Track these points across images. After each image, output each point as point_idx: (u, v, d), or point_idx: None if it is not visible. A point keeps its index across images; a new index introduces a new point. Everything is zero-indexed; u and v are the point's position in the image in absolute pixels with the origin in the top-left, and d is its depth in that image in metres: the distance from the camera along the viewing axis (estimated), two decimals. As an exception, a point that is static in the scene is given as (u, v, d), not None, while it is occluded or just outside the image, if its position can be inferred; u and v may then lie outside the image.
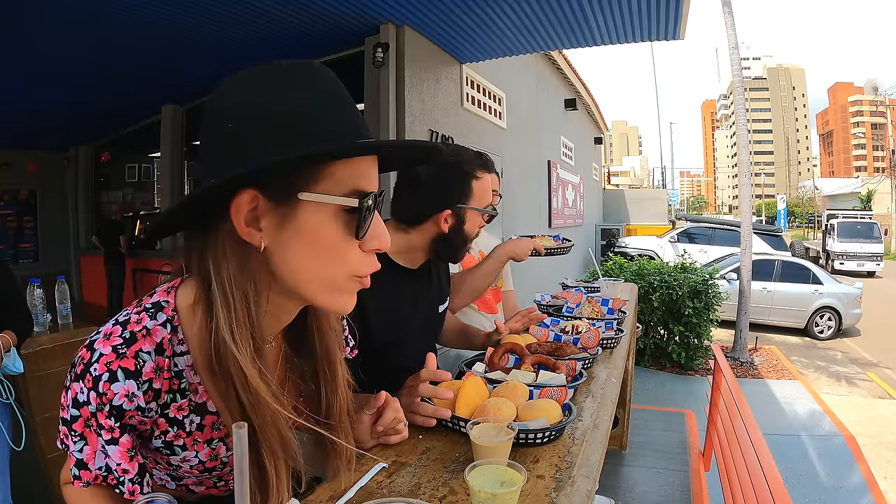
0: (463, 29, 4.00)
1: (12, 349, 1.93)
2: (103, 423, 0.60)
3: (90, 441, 0.60)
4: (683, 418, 4.02)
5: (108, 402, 0.59)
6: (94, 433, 0.60)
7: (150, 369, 0.60)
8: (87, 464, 0.61)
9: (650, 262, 5.92)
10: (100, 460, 0.61)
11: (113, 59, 4.20)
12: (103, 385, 0.58)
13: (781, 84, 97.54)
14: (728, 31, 6.11)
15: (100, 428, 0.60)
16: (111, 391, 0.58)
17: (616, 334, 1.52)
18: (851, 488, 3.23)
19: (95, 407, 0.59)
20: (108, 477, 0.61)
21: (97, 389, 0.58)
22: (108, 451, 0.61)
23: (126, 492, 0.61)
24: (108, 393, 0.58)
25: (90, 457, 0.60)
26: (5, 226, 7.99)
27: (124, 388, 0.59)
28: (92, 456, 0.61)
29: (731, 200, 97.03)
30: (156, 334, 0.61)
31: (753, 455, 1.60)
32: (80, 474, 0.61)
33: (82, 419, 0.60)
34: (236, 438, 0.43)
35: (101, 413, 0.59)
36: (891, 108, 41.09)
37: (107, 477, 0.61)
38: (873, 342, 7.48)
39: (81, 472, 0.60)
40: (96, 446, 0.60)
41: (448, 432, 0.93)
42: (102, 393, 0.58)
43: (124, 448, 0.61)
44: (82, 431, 0.60)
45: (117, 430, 0.60)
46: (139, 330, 0.60)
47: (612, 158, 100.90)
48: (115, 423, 0.60)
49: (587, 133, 12.35)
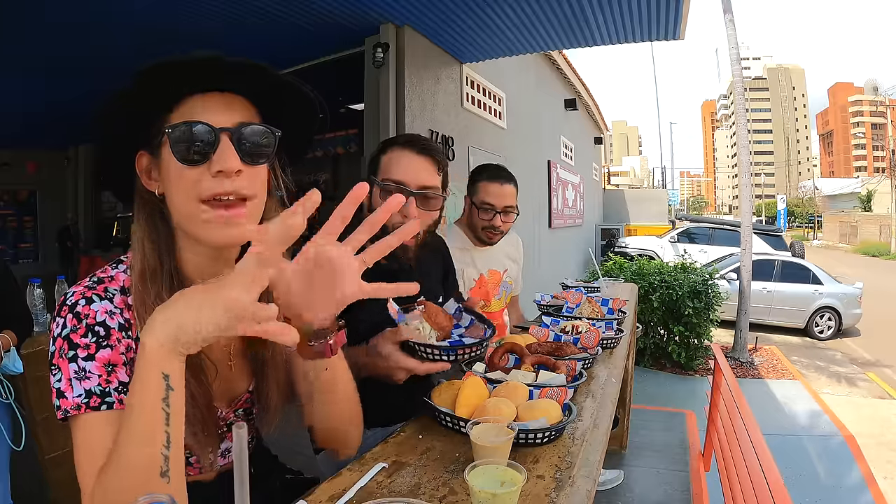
0: (463, 29, 4.00)
1: (12, 349, 1.93)
2: (78, 341, 0.63)
3: (63, 369, 0.62)
4: (683, 418, 4.03)
5: (91, 321, 0.64)
6: (66, 359, 0.62)
7: (120, 301, 0.68)
8: (64, 392, 0.62)
9: (650, 262, 5.92)
10: (77, 387, 0.62)
11: (112, 59, 4.18)
12: (83, 308, 0.65)
13: (781, 84, 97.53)
14: (728, 31, 6.11)
15: (74, 348, 0.63)
16: (92, 310, 0.65)
17: (616, 334, 1.53)
18: (851, 488, 3.23)
19: (70, 328, 0.64)
20: (91, 401, 0.61)
21: (74, 311, 0.65)
22: (86, 369, 0.62)
23: (115, 402, 0.62)
24: (91, 313, 0.65)
25: (66, 385, 0.62)
26: (5, 226, 7.98)
27: (102, 307, 0.66)
28: (68, 384, 0.62)
29: (731, 200, 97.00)
30: (118, 279, 0.71)
31: (753, 455, 1.60)
32: (59, 403, 0.62)
33: (57, 350, 0.63)
34: (236, 438, 0.43)
35: (77, 333, 0.63)
36: (891, 108, 41.08)
37: (88, 402, 0.61)
38: (873, 342, 7.48)
39: (61, 402, 0.62)
40: (69, 374, 0.62)
41: (448, 432, 0.93)
42: (83, 315, 0.65)
43: (101, 362, 0.63)
44: (58, 362, 0.63)
45: (93, 345, 0.64)
46: (105, 276, 0.70)
47: (612, 158, 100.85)
48: (91, 339, 0.64)
49: (587, 133, 12.34)
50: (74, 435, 0.62)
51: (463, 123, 4.83)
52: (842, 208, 38.69)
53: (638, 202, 16.39)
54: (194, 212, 0.67)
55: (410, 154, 1.24)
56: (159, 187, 0.70)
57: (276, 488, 0.96)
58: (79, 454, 0.61)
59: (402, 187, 1.20)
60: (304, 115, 0.78)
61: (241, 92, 0.70)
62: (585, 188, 11.59)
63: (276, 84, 0.72)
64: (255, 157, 0.69)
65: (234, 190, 0.67)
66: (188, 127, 0.65)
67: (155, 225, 0.72)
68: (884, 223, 26.94)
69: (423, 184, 1.22)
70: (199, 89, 0.68)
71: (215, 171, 0.66)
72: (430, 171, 1.24)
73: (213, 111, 0.67)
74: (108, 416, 0.62)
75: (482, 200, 1.83)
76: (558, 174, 8.89)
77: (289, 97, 0.74)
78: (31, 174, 8.07)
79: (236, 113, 0.69)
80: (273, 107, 0.73)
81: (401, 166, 1.23)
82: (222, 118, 0.67)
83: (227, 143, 0.66)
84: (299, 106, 0.76)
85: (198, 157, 0.66)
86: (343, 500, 0.71)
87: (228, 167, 0.66)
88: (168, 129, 0.65)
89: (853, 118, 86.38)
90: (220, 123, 0.66)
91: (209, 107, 0.67)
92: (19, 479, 2.05)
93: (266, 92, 0.72)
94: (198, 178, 0.66)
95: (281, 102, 0.74)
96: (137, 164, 0.72)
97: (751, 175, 6.53)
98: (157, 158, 0.69)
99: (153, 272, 0.70)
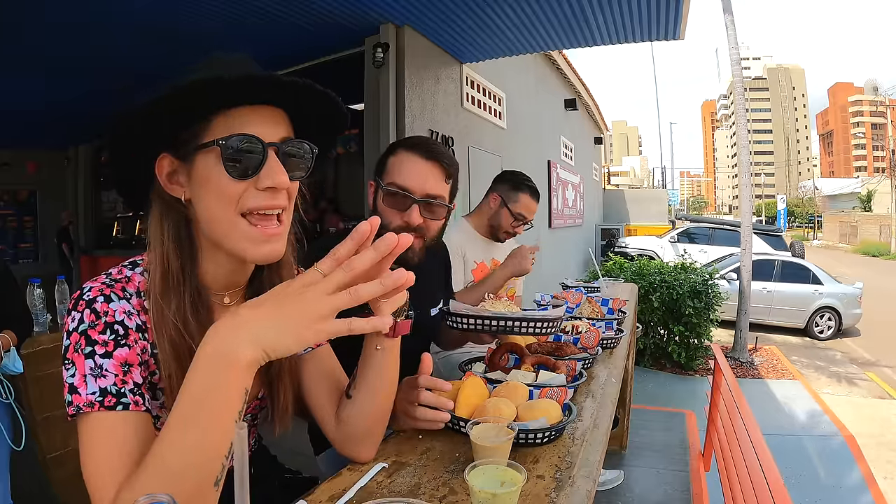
0: (463, 29, 4.00)
1: (12, 349, 1.93)
2: (97, 338, 0.62)
3: (78, 365, 0.61)
4: (683, 418, 4.02)
5: (110, 319, 0.63)
6: (83, 355, 0.61)
7: (136, 303, 0.67)
8: (77, 388, 0.61)
9: (650, 262, 5.91)
10: (91, 384, 0.61)
11: (112, 58, 4.19)
12: (101, 305, 0.64)
13: (781, 84, 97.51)
14: (728, 31, 6.11)
15: (92, 344, 0.62)
16: (111, 309, 0.65)
17: (616, 334, 1.53)
18: (851, 488, 3.23)
19: (88, 324, 0.63)
20: (105, 400, 0.60)
21: (92, 308, 0.64)
22: (103, 366, 0.61)
23: (131, 403, 0.61)
24: (109, 311, 0.64)
25: (80, 381, 0.61)
26: (5, 226, 7.98)
27: (121, 306, 0.65)
28: (82, 380, 0.61)
29: (731, 200, 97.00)
30: (134, 280, 0.69)
31: (753, 455, 1.60)
32: (71, 399, 0.61)
33: (72, 344, 0.62)
34: (237, 439, 0.43)
35: (95, 329, 0.63)
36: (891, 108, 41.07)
37: (102, 401, 0.60)
38: (873, 342, 7.47)
39: (73, 397, 0.61)
40: (84, 370, 0.61)
41: (448, 432, 0.93)
42: (101, 311, 0.64)
43: (118, 361, 0.63)
44: (72, 357, 0.62)
45: (111, 343, 0.63)
46: (121, 277, 0.69)
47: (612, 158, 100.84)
48: (110, 336, 0.63)
49: (587, 133, 12.34)
50: (82, 433, 0.60)
51: (463, 123, 4.83)
52: (842, 208, 38.67)
53: (638, 202, 16.39)
54: (232, 225, 0.66)
55: (417, 159, 1.18)
56: (186, 193, 0.68)
57: (275, 488, 0.96)
58: (90, 454, 0.59)
59: (406, 194, 1.16)
60: (333, 127, 0.78)
61: (280, 105, 0.69)
62: (585, 188, 11.59)
63: (314, 99, 0.71)
64: (295, 172, 0.69)
65: (278, 205, 0.67)
66: (242, 140, 0.64)
67: (179, 231, 0.70)
68: (884, 223, 26.92)
69: (429, 192, 1.17)
70: (243, 101, 0.66)
71: (264, 186, 0.65)
72: (437, 177, 1.18)
73: (259, 124, 0.66)
74: (125, 417, 0.61)
75: (520, 212, 2.05)
76: (558, 174, 8.89)
77: (322, 111, 0.74)
78: (31, 174, 8.07)
79: (280, 127, 0.68)
80: (304, 120, 0.73)
81: (407, 171, 1.18)
82: (268, 132, 0.66)
83: (275, 158, 0.66)
84: (330, 119, 0.76)
85: (248, 171, 0.65)
86: (343, 500, 0.71)
87: (279, 183, 0.65)
88: (220, 140, 0.64)
89: (853, 118, 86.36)
90: (267, 138, 0.66)
91: (254, 120, 0.66)
92: (19, 480, 2.04)
93: (302, 106, 0.71)
94: (242, 191, 0.65)
95: (313, 117, 0.73)
96: (158, 167, 0.69)
97: (751, 175, 6.53)
98: (189, 164, 0.67)
99: (175, 279, 0.68)
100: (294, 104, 0.70)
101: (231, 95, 0.65)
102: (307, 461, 1.22)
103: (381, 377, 0.80)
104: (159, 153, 0.69)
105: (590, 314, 1.71)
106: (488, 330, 1.15)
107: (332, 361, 0.88)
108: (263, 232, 0.66)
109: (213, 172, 0.65)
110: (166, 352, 0.66)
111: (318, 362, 0.86)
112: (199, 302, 0.70)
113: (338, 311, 0.55)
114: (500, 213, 2.06)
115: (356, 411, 0.81)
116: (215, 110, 0.65)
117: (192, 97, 0.63)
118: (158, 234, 0.70)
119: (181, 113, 0.64)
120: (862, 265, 19.49)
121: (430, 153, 1.19)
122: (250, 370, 0.55)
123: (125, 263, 0.72)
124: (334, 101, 0.72)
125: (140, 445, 0.60)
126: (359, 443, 0.83)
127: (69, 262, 7.76)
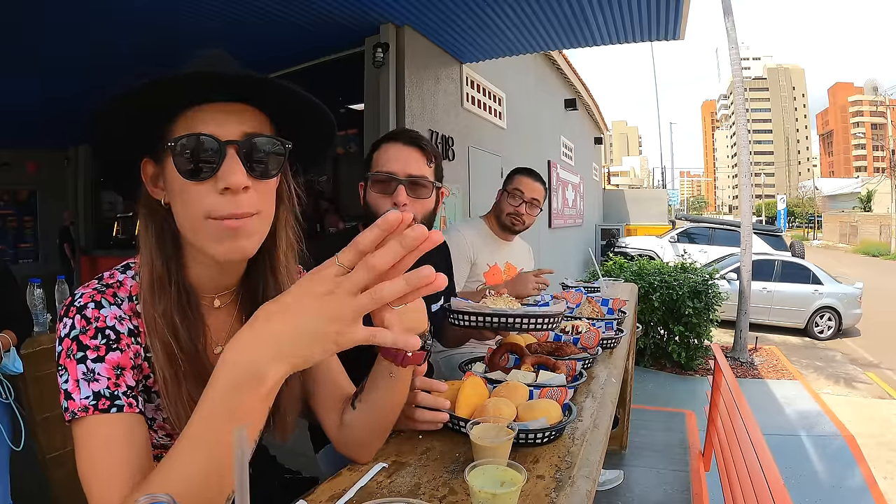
0: (463, 29, 4.00)
1: (12, 349, 1.93)
2: (88, 343, 0.62)
3: (70, 370, 0.61)
4: (683, 418, 4.02)
5: (101, 325, 0.63)
6: (75, 360, 0.61)
7: (128, 308, 0.67)
8: (72, 394, 0.60)
9: (650, 262, 5.91)
10: (85, 389, 0.60)
11: (112, 57, 4.19)
12: (91, 311, 0.64)
13: (781, 84, 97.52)
14: (728, 31, 6.11)
15: (83, 349, 0.62)
16: (101, 315, 0.64)
17: (616, 334, 1.53)
18: (851, 488, 3.22)
19: (79, 330, 0.62)
20: (98, 403, 0.60)
21: (83, 314, 0.64)
22: (95, 370, 0.61)
23: (125, 405, 0.61)
24: (100, 317, 0.64)
25: (73, 387, 0.61)
26: (5, 226, 7.98)
27: (112, 312, 0.65)
28: (75, 385, 0.61)
29: (731, 200, 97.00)
30: (126, 284, 0.69)
31: (753, 455, 1.60)
32: (67, 405, 0.60)
33: (65, 350, 0.62)
34: (237, 439, 0.42)
35: (86, 335, 0.62)
36: (891, 108, 41.07)
37: (96, 404, 0.60)
38: (873, 342, 7.47)
39: (69, 403, 0.60)
40: (77, 374, 0.61)
41: (448, 432, 0.93)
42: (92, 318, 0.64)
43: (110, 365, 0.62)
44: (65, 363, 0.62)
45: (103, 347, 0.63)
46: (112, 282, 0.68)
47: (612, 158, 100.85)
48: (101, 341, 0.63)
49: (587, 133, 12.34)
50: (78, 436, 0.60)
51: (463, 123, 4.83)
52: (842, 208, 38.67)
53: (638, 202, 16.39)
54: (200, 227, 0.64)
55: (398, 146, 1.29)
56: (165, 197, 0.67)
57: (275, 488, 0.96)
58: (86, 457, 0.59)
59: (391, 176, 1.25)
60: (320, 125, 0.73)
61: (252, 102, 0.65)
62: (585, 188, 11.59)
63: (285, 95, 0.66)
64: (264, 171, 0.65)
65: (241, 211, 0.63)
66: (191, 139, 0.61)
67: (162, 235, 0.69)
68: (884, 223, 26.92)
69: (412, 173, 1.26)
70: (204, 98, 0.63)
71: (221, 187, 0.61)
72: (418, 160, 1.28)
73: (219, 122, 0.63)
74: (119, 419, 0.60)
75: (514, 188, 2.06)
76: (558, 174, 8.89)
77: (302, 107, 0.69)
78: (31, 174, 8.08)
79: (245, 124, 0.64)
80: (288, 117, 0.69)
81: (389, 157, 1.28)
82: (230, 130, 0.63)
83: (234, 156, 0.62)
84: (314, 116, 0.72)
85: (202, 172, 0.62)
86: (343, 500, 0.71)
87: (235, 183, 0.61)
88: (170, 142, 0.62)
89: (853, 118, 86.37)
90: (226, 136, 0.62)
91: (217, 118, 0.63)
92: (19, 480, 2.04)
93: (279, 102, 0.67)
94: (204, 193, 0.62)
95: (295, 113, 0.69)
96: (143, 172, 0.69)
97: (751, 175, 6.52)
98: (162, 167, 0.66)
99: (161, 283, 0.67)
100: (263, 101, 0.66)
101: (187, 95, 0.62)
102: (307, 461, 1.22)
103: (388, 399, 0.79)
104: (140, 156, 0.68)
105: (590, 314, 1.71)
106: (490, 327, 1.17)
107: (337, 365, 0.87)
108: (228, 226, 0.63)
109: (177, 175, 0.63)
110: (159, 354, 0.65)
111: (323, 365, 0.85)
112: (187, 305, 0.69)
113: (362, 315, 0.50)
114: (501, 199, 2.12)
115: (359, 422, 0.81)
116: (175, 111, 0.63)
117: (148, 98, 0.61)
118: (145, 237, 0.69)
119: (144, 113, 0.62)
120: (862, 265, 19.49)
121: (409, 140, 1.30)
122: (277, 388, 0.52)
123: (118, 267, 0.71)
124: (297, 93, 0.66)
125: (135, 447, 0.60)
126: (359, 447, 0.83)
127: (70, 262, 7.74)
